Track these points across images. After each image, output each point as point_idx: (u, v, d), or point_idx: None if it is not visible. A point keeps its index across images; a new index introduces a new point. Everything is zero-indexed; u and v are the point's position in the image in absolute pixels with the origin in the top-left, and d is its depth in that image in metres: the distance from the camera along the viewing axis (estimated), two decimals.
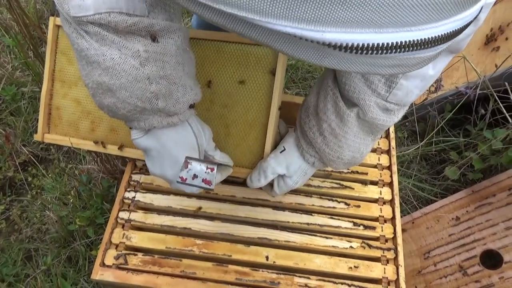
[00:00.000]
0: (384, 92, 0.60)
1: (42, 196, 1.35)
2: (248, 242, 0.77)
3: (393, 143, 0.91)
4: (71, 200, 1.30)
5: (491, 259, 1.14)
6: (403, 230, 1.30)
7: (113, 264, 0.73)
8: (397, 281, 0.75)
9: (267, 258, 0.76)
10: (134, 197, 0.80)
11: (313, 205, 0.82)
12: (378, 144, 0.91)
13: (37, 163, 1.39)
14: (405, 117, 1.61)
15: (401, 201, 1.38)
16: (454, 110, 1.35)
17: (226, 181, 0.83)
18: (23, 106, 1.54)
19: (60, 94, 0.83)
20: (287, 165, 0.71)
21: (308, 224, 0.80)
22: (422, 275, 1.23)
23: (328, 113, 0.64)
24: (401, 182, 1.39)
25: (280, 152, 0.71)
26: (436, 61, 0.57)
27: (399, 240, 0.79)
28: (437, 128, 1.37)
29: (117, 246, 0.75)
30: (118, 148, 0.79)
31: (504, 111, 1.20)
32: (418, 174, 1.43)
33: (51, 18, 0.82)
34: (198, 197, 0.81)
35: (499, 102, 1.20)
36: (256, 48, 0.71)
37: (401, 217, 1.32)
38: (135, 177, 0.83)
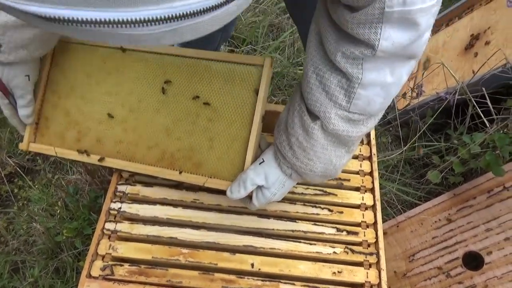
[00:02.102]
0: (345, 103, 0.62)
1: (28, 207, 1.35)
2: (234, 250, 0.79)
3: (374, 150, 0.94)
4: (58, 211, 1.30)
5: (473, 261, 1.17)
6: (389, 234, 1.32)
7: (99, 275, 0.74)
8: (379, 284, 0.77)
9: (252, 265, 0.77)
10: (120, 207, 0.81)
11: (297, 212, 0.84)
12: (360, 151, 0.94)
13: (23, 175, 1.39)
14: (388, 122, 1.64)
15: (386, 205, 1.41)
16: (435, 115, 1.39)
17: (211, 191, 0.84)
18: None
19: (50, 104, 0.84)
20: (266, 176, 0.72)
21: (292, 231, 0.82)
22: (407, 277, 1.25)
23: (295, 127, 0.67)
24: (385, 186, 1.42)
25: (259, 164, 0.73)
26: (394, 67, 0.59)
27: (381, 244, 0.81)
28: (419, 133, 1.40)
29: (103, 257, 0.76)
30: (98, 161, 0.79)
31: (482, 116, 1.24)
32: (402, 178, 1.47)
33: None
34: (185, 206, 0.82)
35: (477, 107, 1.24)
36: (242, 67, 0.75)
37: (386, 221, 1.35)
38: (121, 188, 0.84)
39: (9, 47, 0.71)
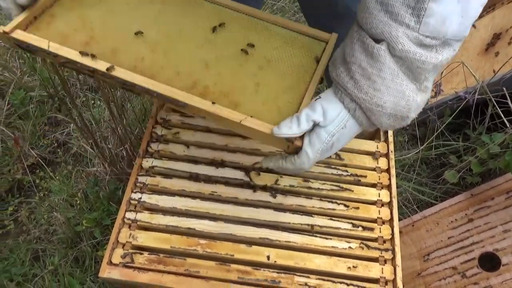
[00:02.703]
0: (414, 23, 0.52)
1: (49, 198, 1.39)
2: (250, 242, 0.80)
3: (391, 147, 0.94)
4: (78, 202, 1.33)
5: (490, 262, 1.16)
6: (404, 233, 1.32)
7: (120, 262, 0.76)
8: (394, 281, 0.78)
9: (268, 257, 0.78)
10: (140, 198, 0.83)
11: (313, 206, 0.85)
12: (377, 148, 0.94)
13: (45, 166, 1.43)
14: None
15: (402, 204, 1.40)
16: (454, 115, 1.38)
17: (229, 184, 0.86)
18: (31, 110, 1.58)
19: (65, 6, 0.71)
20: (324, 111, 0.59)
21: (308, 225, 0.82)
22: (421, 277, 1.25)
23: (356, 53, 0.57)
24: (401, 185, 1.41)
25: (315, 100, 0.61)
26: None
27: (397, 241, 0.81)
28: (437, 133, 1.39)
29: (123, 245, 0.78)
30: (107, 70, 0.64)
31: (502, 116, 1.22)
32: (418, 178, 1.46)
33: None
34: (203, 198, 0.84)
35: (497, 107, 1.22)
36: (304, 38, 0.75)
37: (401, 219, 1.34)
38: (141, 179, 0.86)
39: None
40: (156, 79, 0.65)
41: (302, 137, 0.61)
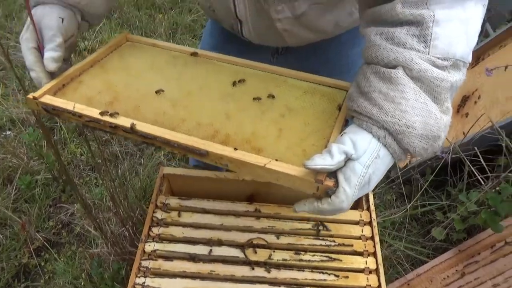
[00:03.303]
0: (423, 48, 0.54)
1: (54, 280, 1.43)
2: None
3: (373, 215, 1.01)
4: (82, 284, 1.37)
5: None
6: None
7: None
8: None
9: None
10: (144, 282, 0.89)
11: (305, 278, 0.91)
12: (361, 217, 1.02)
13: (49, 248, 1.48)
14: (392, 180, 1.72)
15: (395, 263, 1.45)
16: (435, 173, 1.47)
17: (226, 261, 0.92)
18: (37, 193, 1.66)
19: (92, 74, 0.77)
20: (354, 143, 0.57)
21: None
22: None
23: (373, 83, 0.56)
24: (393, 244, 1.47)
25: (341, 135, 0.59)
26: (464, 2, 0.54)
27: None
28: (421, 191, 1.48)
29: None
30: (131, 127, 0.66)
31: (477, 174, 1.32)
32: (409, 236, 1.52)
33: (124, 34, 0.90)
34: (202, 278, 0.90)
35: (471, 166, 1.32)
36: (324, 88, 0.77)
37: (396, 279, 1.39)
38: (144, 263, 0.92)
39: None
40: (176, 131, 0.66)
41: (332, 177, 0.58)
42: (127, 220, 1.30)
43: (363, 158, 0.56)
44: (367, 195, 1.05)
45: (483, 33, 1.90)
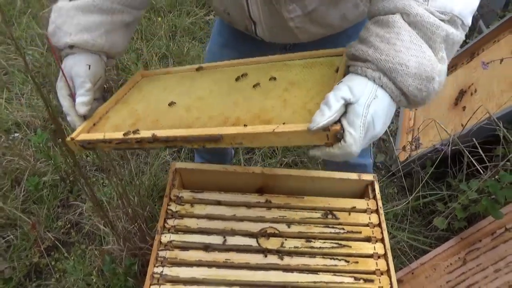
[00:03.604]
0: (423, 0, 0.57)
1: (65, 278, 1.45)
2: None
3: (380, 203, 1.05)
4: (94, 280, 1.39)
5: None
6: (405, 281, 1.39)
7: None
8: None
9: None
10: (162, 271, 0.92)
11: (317, 264, 0.94)
12: (368, 205, 1.05)
13: (60, 246, 1.50)
14: (393, 174, 1.77)
15: (400, 253, 1.49)
16: (434, 165, 1.52)
17: (240, 250, 0.96)
18: (45, 194, 1.68)
19: (117, 109, 0.87)
20: (350, 88, 0.59)
21: (314, 282, 0.91)
22: None
23: (371, 29, 0.60)
24: (396, 235, 1.51)
25: (337, 84, 0.62)
26: None
27: None
28: (422, 183, 1.52)
29: None
30: (152, 137, 0.73)
31: (476, 164, 1.36)
32: (411, 227, 1.56)
33: (139, 73, 1.02)
34: (218, 266, 0.93)
35: (470, 156, 1.37)
36: (321, 59, 0.83)
37: (400, 268, 1.42)
38: (161, 253, 0.95)
39: (76, 29, 0.78)
40: (192, 128, 0.74)
41: (338, 122, 0.60)
42: (137, 217, 1.33)
43: (362, 99, 0.59)
44: (372, 185, 1.09)
45: (477, 30, 1.96)
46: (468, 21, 0.61)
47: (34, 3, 2.58)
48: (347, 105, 0.59)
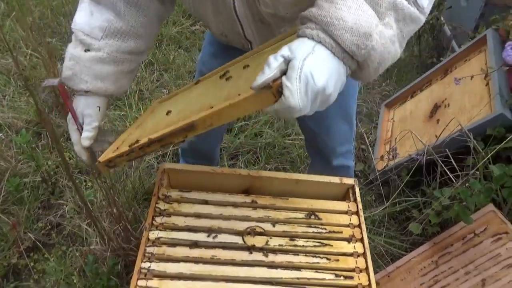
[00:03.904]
0: None
1: (45, 279, 1.43)
2: None
3: (360, 206, 1.11)
4: (75, 281, 1.38)
5: None
6: (381, 284, 1.45)
7: None
8: None
9: None
10: (150, 266, 0.94)
11: (300, 262, 0.98)
12: (348, 207, 1.11)
13: (41, 246, 1.49)
14: (371, 182, 1.84)
15: (376, 257, 1.55)
16: (410, 174, 1.60)
17: (226, 247, 0.99)
18: (26, 195, 1.66)
19: (132, 132, 0.98)
20: (290, 47, 0.63)
21: (298, 278, 0.95)
22: None
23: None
24: (374, 240, 1.57)
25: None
26: None
27: (374, 285, 0.95)
28: (398, 190, 1.60)
29: None
30: (149, 140, 0.82)
31: (449, 173, 1.45)
32: (388, 232, 1.62)
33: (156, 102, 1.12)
34: (205, 262, 0.96)
35: (443, 166, 1.45)
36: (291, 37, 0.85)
37: (377, 272, 1.48)
38: (149, 249, 0.97)
39: (91, 78, 0.91)
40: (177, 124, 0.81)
41: (279, 79, 0.62)
42: (121, 217, 1.34)
43: (299, 55, 0.61)
44: (353, 189, 1.15)
45: (450, 49, 2.09)
46: (422, 2, 0.65)
47: (18, 7, 2.56)
48: (288, 63, 0.62)
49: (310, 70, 0.61)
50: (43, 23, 2.57)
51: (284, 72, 0.62)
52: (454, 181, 1.42)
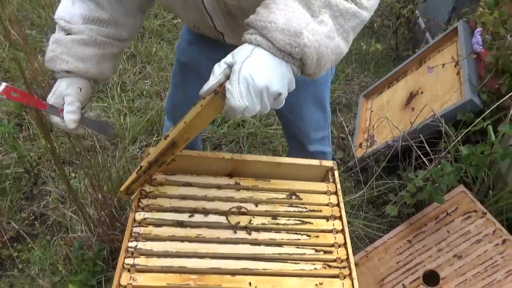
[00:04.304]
0: None
1: (30, 268, 1.44)
2: (233, 273, 0.95)
3: (338, 186, 1.16)
4: (60, 269, 1.39)
5: (432, 278, 1.37)
6: (360, 264, 1.51)
7: None
8: None
9: (250, 284, 0.93)
10: (136, 245, 0.97)
11: (282, 239, 1.03)
12: (328, 188, 1.16)
13: (25, 236, 1.49)
14: (350, 169, 1.91)
15: (356, 240, 1.61)
16: (387, 160, 1.67)
17: (211, 227, 1.02)
18: (8, 186, 1.66)
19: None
20: (233, 54, 0.69)
21: (280, 254, 0.99)
22: None
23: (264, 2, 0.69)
24: (353, 223, 1.63)
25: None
26: None
27: (351, 259, 1.00)
28: (375, 175, 1.66)
29: (125, 287, 0.90)
30: (148, 163, 0.96)
31: (422, 157, 1.52)
32: (366, 216, 1.69)
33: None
34: (190, 241, 0.99)
35: (417, 150, 1.52)
36: None
37: (356, 253, 1.54)
38: (136, 229, 1.00)
39: (72, 58, 0.92)
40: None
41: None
42: (105, 205, 1.36)
43: (239, 59, 0.67)
44: (332, 170, 1.20)
45: (424, 41, 2.17)
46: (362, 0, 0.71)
47: None
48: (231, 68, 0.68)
49: (248, 71, 0.66)
50: (22, 15, 2.54)
51: (228, 77, 0.68)
52: (428, 164, 1.50)
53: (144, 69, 2.39)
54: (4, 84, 0.88)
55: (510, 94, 1.32)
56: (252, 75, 0.66)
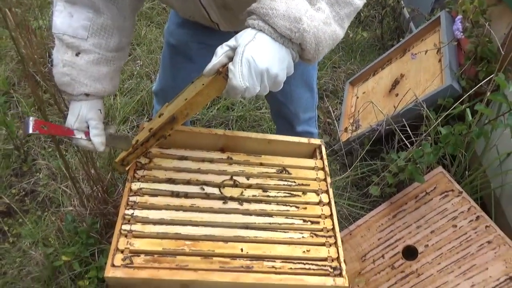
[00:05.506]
0: None
1: (21, 241, 1.45)
2: (226, 240, 1.00)
3: (326, 162, 1.22)
4: (52, 242, 1.42)
5: (411, 253, 1.46)
6: (344, 241, 1.59)
7: (121, 264, 0.91)
8: (338, 258, 1.02)
9: (242, 250, 0.98)
10: (133, 213, 1.00)
11: (272, 209, 1.08)
12: (315, 164, 1.22)
13: (17, 210, 1.50)
14: (335, 152, 1.97)
15: (341, 219, 1.68)
16: (371, 143, 1.74)
17: (204, 197, 1.07)
18: None
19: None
20: (236, 37, 0.73)
21: (270, 223, 1.05)
22: (362, 275, 1.50)
23: None
24: (338, 203, 1.70)
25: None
26: None
27: (337, 229, 1.07)
28: (359, 157, 1.73)
29: (122, 251, 0.94)
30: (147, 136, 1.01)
31: (405, 140, 1.59)
32: (351, 196, 1.76)
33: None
34: (185, 210, 1.04)
35: (400, 133, 1.60)
36: None
37: (340, 231, 1.61)
38: (132, 198, 1.03)
39: (90, 80, 0.94)
40: None
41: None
42: (98, 180, 1.38)
43: (242, 42, 0.71)
44: (320, 148, 1.26)
45: (409, 30, 2.24)
46: None
47: None
48: (234, 50, 0.72)
49: (251, 54, 0.70)
50: None
51: (231, 59, 0.72)
52: (409, 147, 1.57)
53: (134, 51, 2.39)
54: (32, 118, 0.87)
55: (486, 79, 1.40)
56: (254, 57, 0.70)
